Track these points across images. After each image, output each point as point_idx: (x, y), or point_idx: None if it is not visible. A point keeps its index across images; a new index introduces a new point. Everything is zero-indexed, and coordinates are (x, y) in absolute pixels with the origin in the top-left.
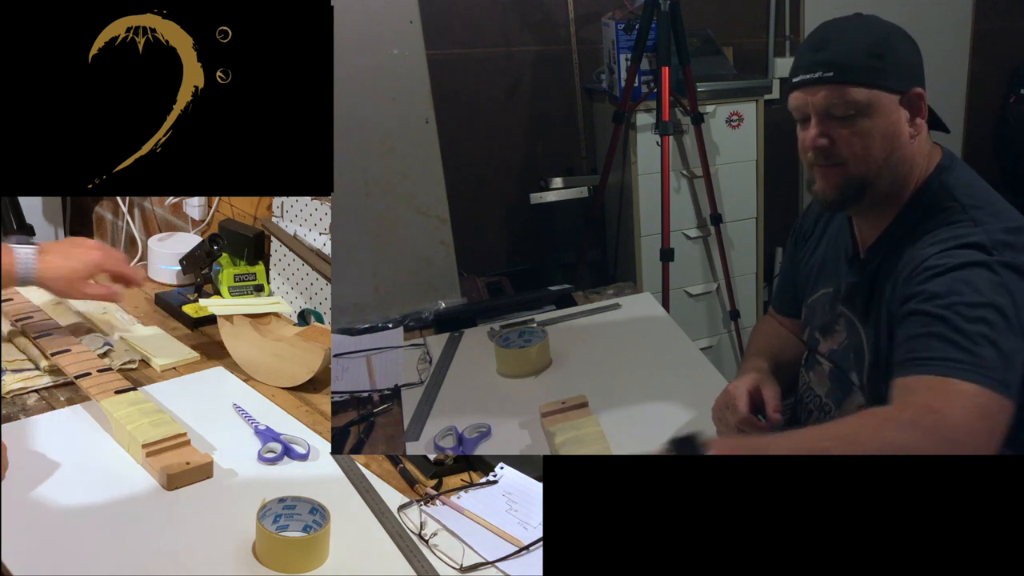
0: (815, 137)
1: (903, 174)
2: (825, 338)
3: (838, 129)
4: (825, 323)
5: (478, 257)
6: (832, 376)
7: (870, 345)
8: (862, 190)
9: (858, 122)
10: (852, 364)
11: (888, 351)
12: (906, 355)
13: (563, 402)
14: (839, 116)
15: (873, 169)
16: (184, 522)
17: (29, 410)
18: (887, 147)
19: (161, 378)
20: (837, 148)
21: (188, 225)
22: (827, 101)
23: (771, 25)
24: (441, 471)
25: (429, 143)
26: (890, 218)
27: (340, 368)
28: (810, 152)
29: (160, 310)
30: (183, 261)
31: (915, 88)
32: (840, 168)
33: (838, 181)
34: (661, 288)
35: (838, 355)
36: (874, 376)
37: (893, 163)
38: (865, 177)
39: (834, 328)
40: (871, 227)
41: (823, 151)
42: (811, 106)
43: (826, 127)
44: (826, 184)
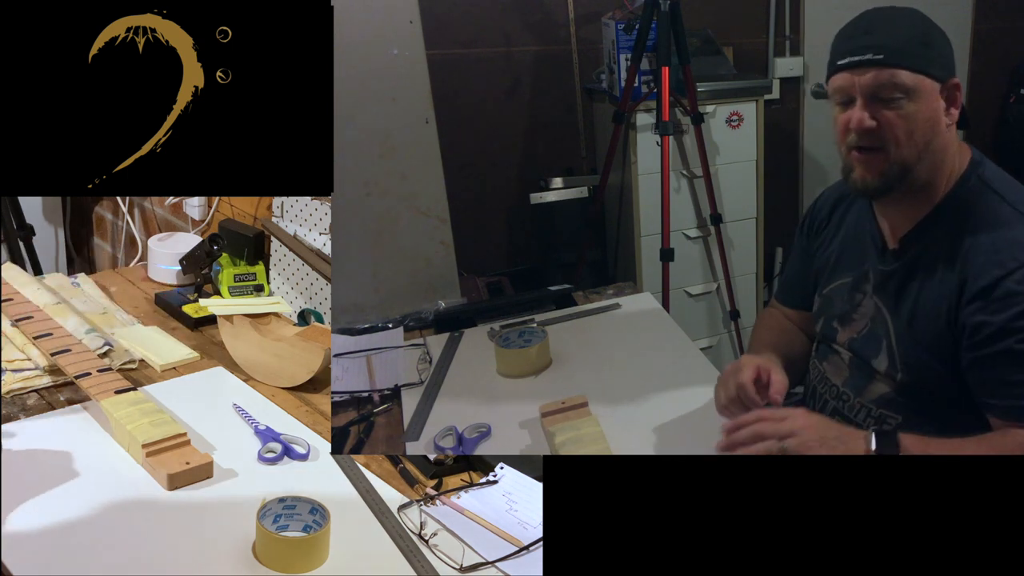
0: (862, 118)
1: (939, 163)
2: (844, 327)
3: (883, 112)
4: (844, 312)
5: (478, 257)
6: (852, 365)
7: (899, 333)
8: (903, 175)
9: (904, 105)
10: (874, 352)
11: (918, 340)
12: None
13: (563, 402)
14: (885, 98)
15: (914, 154)
16: (184, 522)
17: (29, 410)
18: (928, 133)
19: (161, 378)
20: (881, 131)
21: (188, 225)
22: (875, 82)
23: (771, 25)
24: (441, 471)
25: (429, 143)
26: (925, 209)
27: (340, 368)
28: (852, 134)
29: (160, 310)
30: (183, 261)
31: (953, 78)
32: (881, 153)
33: (880, 167)
34: (661, 288)
35: (858, 343)
36: (900, 363)
37: (932, 150)
38: (906, 162)
39: (853, 317)
40: (903, 217)
41: (867, 133)
42: (857, 87)
43: (872, 108)
44: (867, 170)
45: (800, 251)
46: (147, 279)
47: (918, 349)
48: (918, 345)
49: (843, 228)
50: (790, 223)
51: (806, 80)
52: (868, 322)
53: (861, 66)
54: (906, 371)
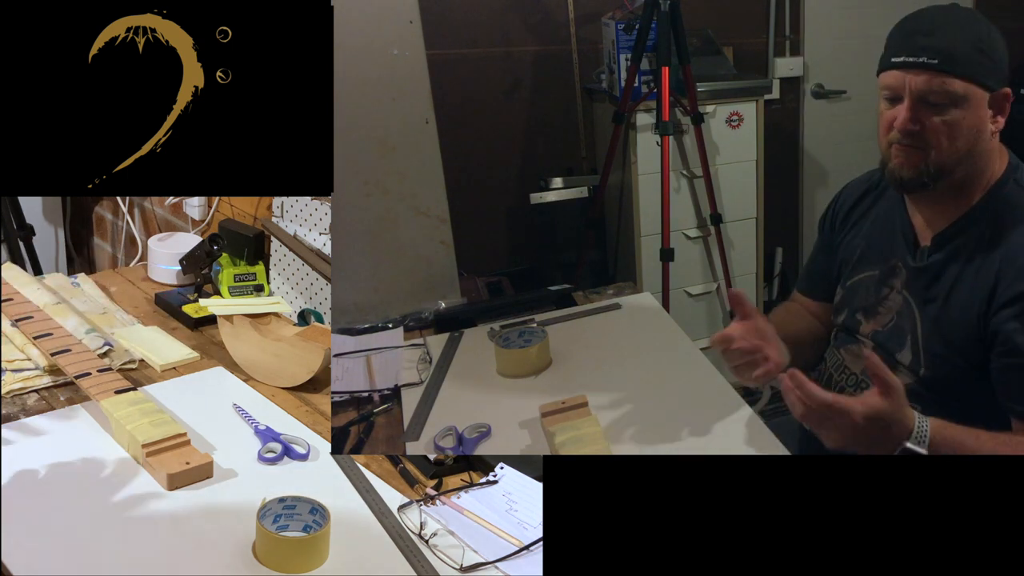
0: (906, 120)
1: (978, 168)
2: (868, 319)
3: (930, 116)
4: (869, 305)
5: (478, 257)
6: None
7: (926, 329)
8: (938, 177)
9: (950, 112)
10: (899, 345)
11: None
12: None
13: (563, 402)
14: (933, 103)
15: (954, 159)
16: (184, 522)
17: (29, 410)
18: (971, 140)
19: (161, 378)
20: (925, 134)
21: (188, 225)
22: (926, 87)
23: (771, 25)
24: (441, 471)
25: (429, 143)
26: (960, 209)
27: (340, 368)
28: (895, 132)
29: (160, 310)
30: (183, 261)
31: (1005, 88)
32: (921, 153)
33: (918, 164)
34: (661, 288)
35: (883, 336)
36: (924, 359)
37: (973, 156)
38: (944, 165)
39: (878, 310)
40: (936, 215)
41: (911, 134)
42: (907, 88)
43: (918, 111)
44: (905, 163)
45: (822, 243)
46: (147, 279)
47: (945, 347)
48: (945, 343)
49: (870, 221)
50: (790, 223)
51: (806, 80)
52: (894, 316)
53: (915, 68)
54: (930, 367)
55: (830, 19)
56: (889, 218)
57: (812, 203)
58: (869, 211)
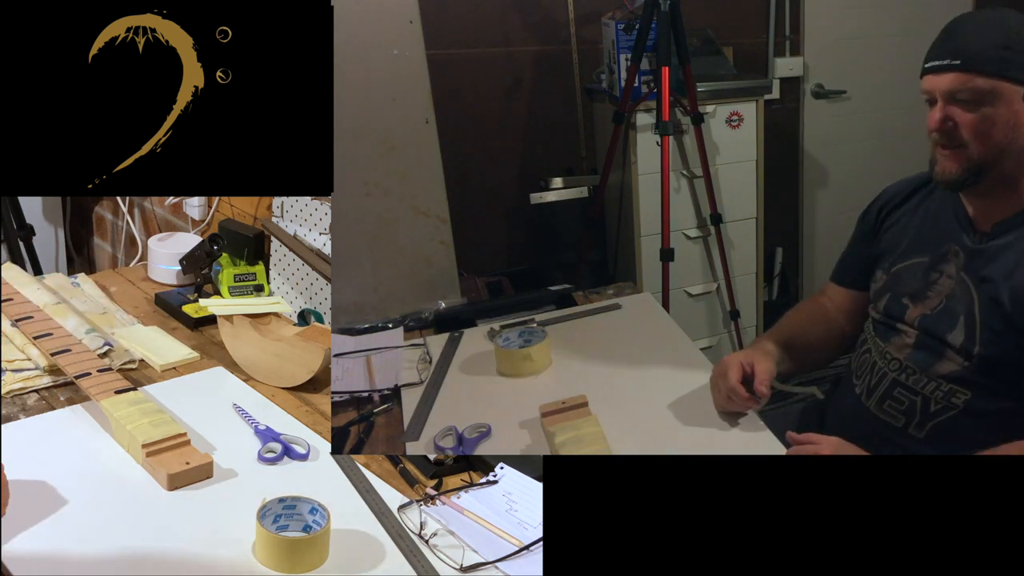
0: (939, 120)
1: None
2: (915, 303)
3: (962, 113)
4: (916, 290)
5: (478, 257)
6: (917, 342)
7: (984, 307)
8: (981, 172)
9: (981, 108)
10: (949, 327)
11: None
12: None
13: (563, 402)
14: (962, 101)
15: (993, 153)
16: (184, 522)
17: (29, 410)
18: (1008, 134)
19: (161, 378)
20: (959, 131)
21: (188, 225)
22: (951, 86)
23: (771, 25)
24: (441, 471)
25: (429, 143)
26: (1017, 201)
27: (340, 368)
28: (934, 133)
29: (160, 310)
30: (183, 261)
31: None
32: (961, 150)
33: (958, 162)
34: (661, 288)
35: (931, 319)
36: (980, 337)
37: (1015, 150)
38: (985, 160)
39: (927, 295)
40: (993, 207)
41: (946, 133)
42: (937, 90)
43: (950, 111)
44: (948, 164)
45: (863, 232)
46: (147, 279)
47: (1004, 323)
48: (1005, 320)
49: (920, 212)
50: (790, 223)
51: (806, 80)
52: (943, 299)
53: (941, 71)
54: (985, 344)
55: (830, 19)
56: (942, 211)
57: (812, 203)
58: (918, 208)
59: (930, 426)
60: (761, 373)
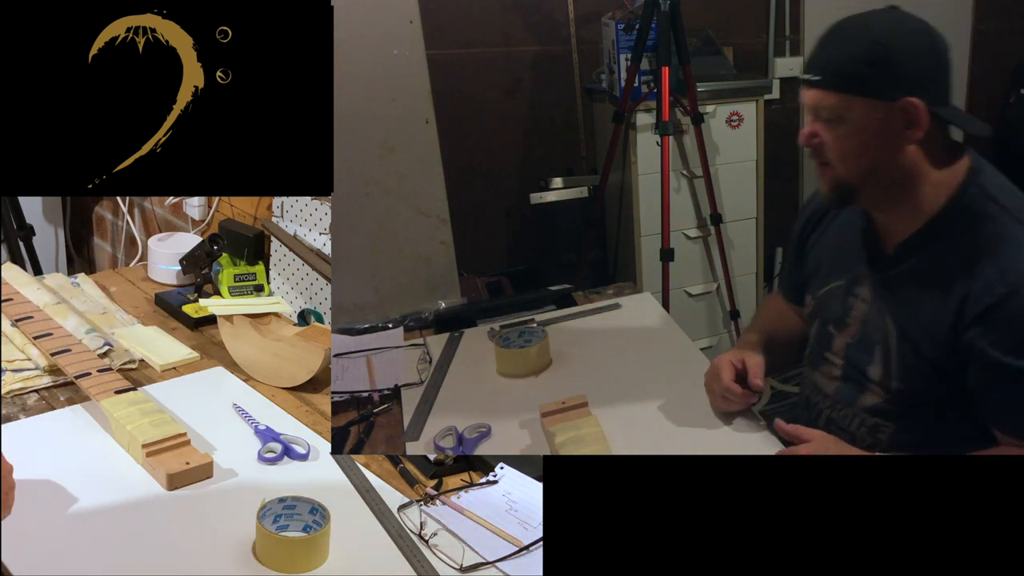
0: (806, 135)
1: (903, 180)
2: (839, 331)
3: (825, 131)
4: (839, 316)
5: (478, 257)
6: (844, 374)
7: (897, 340)
8: (851, 193)
9: (839, 127)
10: (868, 359)
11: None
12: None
13: (563, 402)
14: (825, 119)
15: (855, 174)
16: (184, 522)
17: (29, 410)
18: (873, 155)
19: (161, 378)
20: (825, 148)
21: (188, 225)
22: (814, 102)
23: (771, 25)
24: (441, 471)
25: (429, 143)
26: (919, 218)
27: (340, 368)
28: (806, 148)
29: (160, 310)
30: (183, 261)
31: (907, 98)
32: (829, 168)
33: (828, 181)
34: (661, 288)
35: (854, 350)
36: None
37: (884, 171)
38: (848, 181)
39: (847, 321)
40: (896, 223)
41: (812, 149)
42: (804, 104)
43: (816, 127)
44: (821, 181)
45: (794, 251)
46: (147, 279)
47: (916, 357)
48: (916, 353)
49: (834, 229)
50: (790, 223)
51: None
52: (860, 326)
53: (806, 85)
54: (901, 378)
55: (830, 19)
56: (852, 225)
57: None
58: (832, 223)
59: None
60: (753, 367)
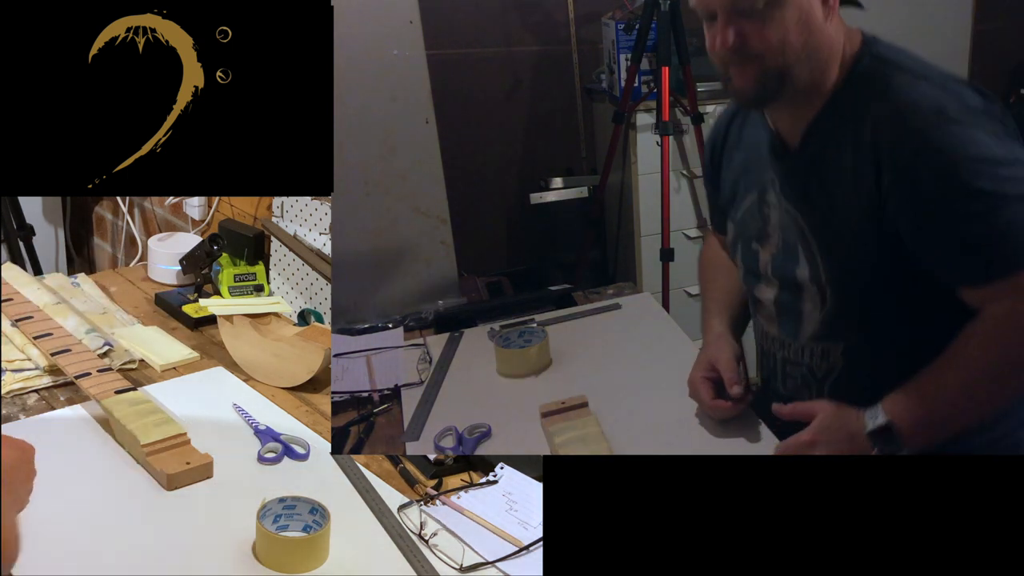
0: (725, 37)
1: (823, 59)
2: (762, 246)
3: (747, 24)
4: (759, 229)
5: (478, 257)
6: (779, 305)
7: (815, 231)
8: (781, 81)
9: (768, 12)
10: (793, 263)
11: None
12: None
13: (563, 402)
14: (746, 10)
15: (791, 58)
16: (184, 522)
17: (29, 410)
18: (802, 34)
19: (161, 378)
20: (749, 43)
21: (188, 225)
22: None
23: None
24: (441, 471)
25: (429, 143)
26: (819, 104)
27: (340, 368)
28: (721, 51)
29: (160, 310)
30: (183, 261)
31: None
32: (756, 62)
33: (755, 75)
34: (661, 288)
35: (779, 261)
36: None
37: (811, 48)
38: (783, 67)
39: (767, 232)
40: (799, 117)
41: (735, 49)
42: (717, 3)
43: (735, 24)
44: (743, 80)
45: (709, 179)
46: (147, 279)
47: (841, 246)
48: (840, 240)
49: (741, 145)
50: None
51: None
52: (779, 233)
53: None
54: (830, 273)
55: None
56: (756, 135)
57: None
58: (740, 135)
59: (828, 392)
60: (727, 372)
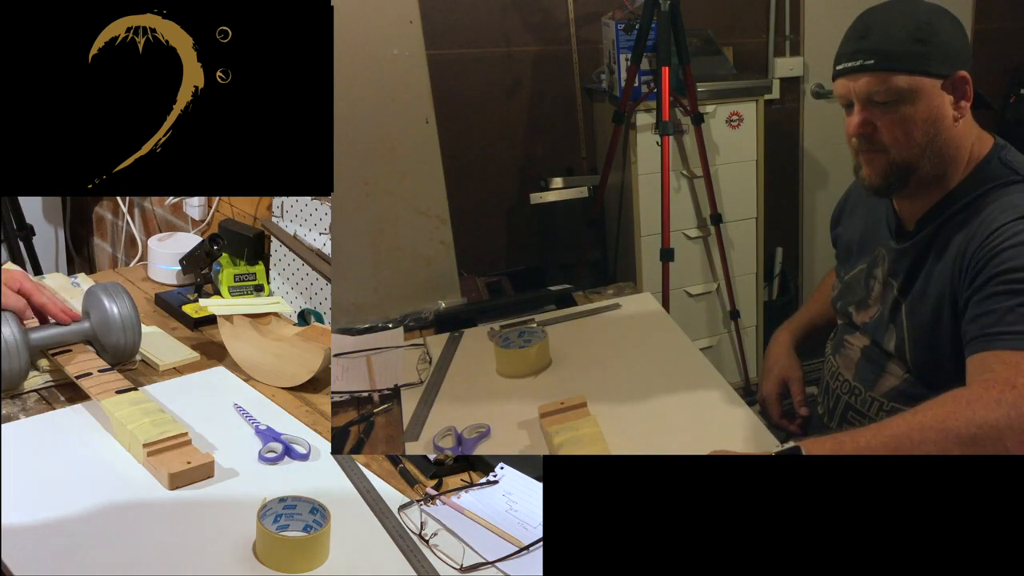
0: (858, 124)
1: (949, 156)
2: (859, 311)
3: (880, 115)
4: (861, 298)
5: (478, 257)
6: (863, 357)
7: (908, 312)
8: (906, 175)
9: (899, 108)
10: (884, 332)
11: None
12: (980, 331)
13: (562, 403)
14: (880, 102)
15: (915, 153)
16: (184, 522)
17: (29, 410)
18: (929, 131)
19: (161, 378)
20: (879, 134)
21: (188, 225)
22: (868, 88)
23: (771, 25)
24: (441, 471)
25: (429, 143)
26: (939, 195)
27: (340, 368)
28: (854, 138)
29: (160, 310)
30: (183, 261)
31: (959, 72)
32: (883, 154)
33: (882, 167)
34: (661, 288)
35: (872, 326)
36: (909, 341)
37: (937, 147)
38: (908, 162)
39: (868, 302)
40: (918, 205)
41: (866, 137)
42: (854, 93)
43: (869, 114)
44: (871, 170)
45: (831, 228)
46: (147, 279)
47: (924, 326)
48: (923, 321)
49: (863, 217)
50: (790, 223)
51: (806, 80)
52: (880, 304)
53: (855, 72)
54: (914, 349)
55: (830, 19)
56: (878, 211)
57: (812, 203)
58: (865, 212)
59: None
60: (798, 395)
